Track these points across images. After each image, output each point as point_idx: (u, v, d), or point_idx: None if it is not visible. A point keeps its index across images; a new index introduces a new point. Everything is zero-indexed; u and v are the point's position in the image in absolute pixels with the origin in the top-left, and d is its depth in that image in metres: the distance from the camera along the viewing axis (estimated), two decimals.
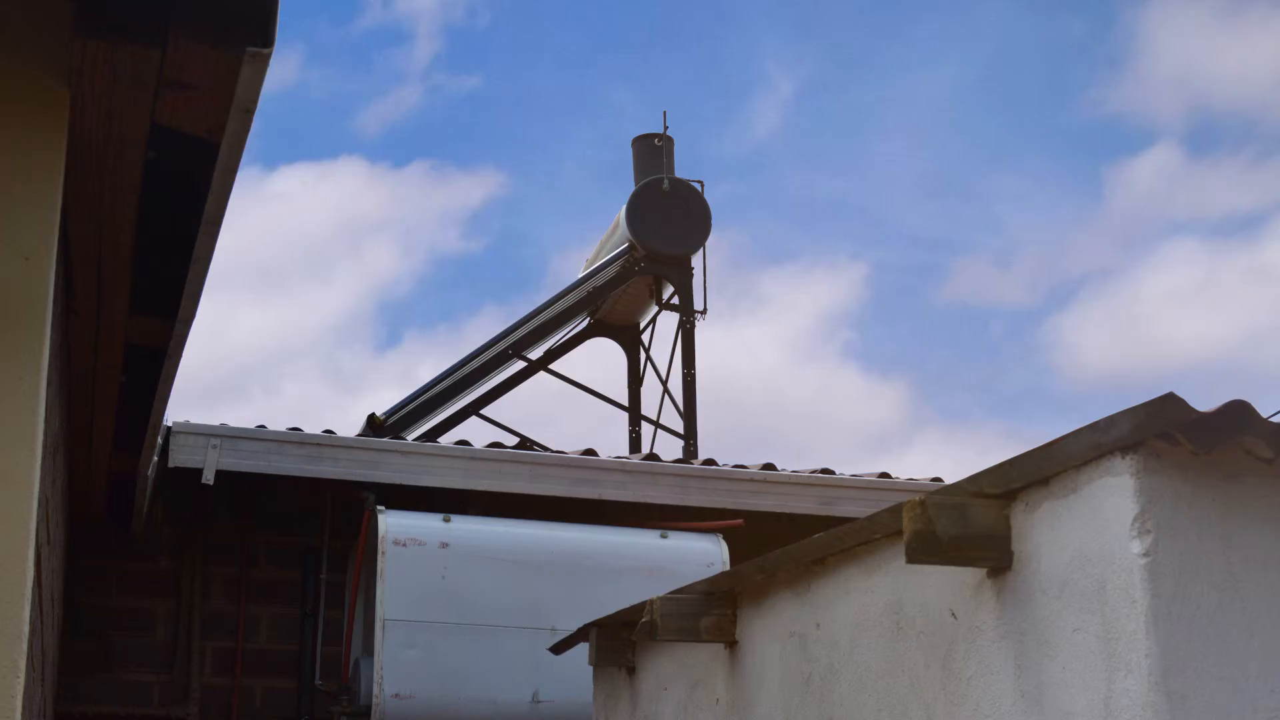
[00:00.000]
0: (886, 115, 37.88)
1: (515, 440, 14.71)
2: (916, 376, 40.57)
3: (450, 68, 41.65)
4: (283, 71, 40.77)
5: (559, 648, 7.39)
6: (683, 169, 16.75)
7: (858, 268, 40.51)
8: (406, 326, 44.40)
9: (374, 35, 41.09)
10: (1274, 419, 3.46)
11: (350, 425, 15.49)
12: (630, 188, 16.58)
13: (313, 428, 9.90)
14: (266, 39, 3.77)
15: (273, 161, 44.97)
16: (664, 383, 16.75)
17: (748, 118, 38.26)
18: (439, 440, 13.41)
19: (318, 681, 9.87)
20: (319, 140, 44.04)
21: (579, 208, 38.75)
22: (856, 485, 10.67)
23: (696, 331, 16.42)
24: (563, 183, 39.44)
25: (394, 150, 42.31)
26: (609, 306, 16.78)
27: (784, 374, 36.83)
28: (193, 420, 9.31)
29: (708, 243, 16.45)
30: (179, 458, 9.16)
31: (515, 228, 41.35)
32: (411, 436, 13.83)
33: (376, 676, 8.48)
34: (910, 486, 10.66)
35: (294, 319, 42.13)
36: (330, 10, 41.57)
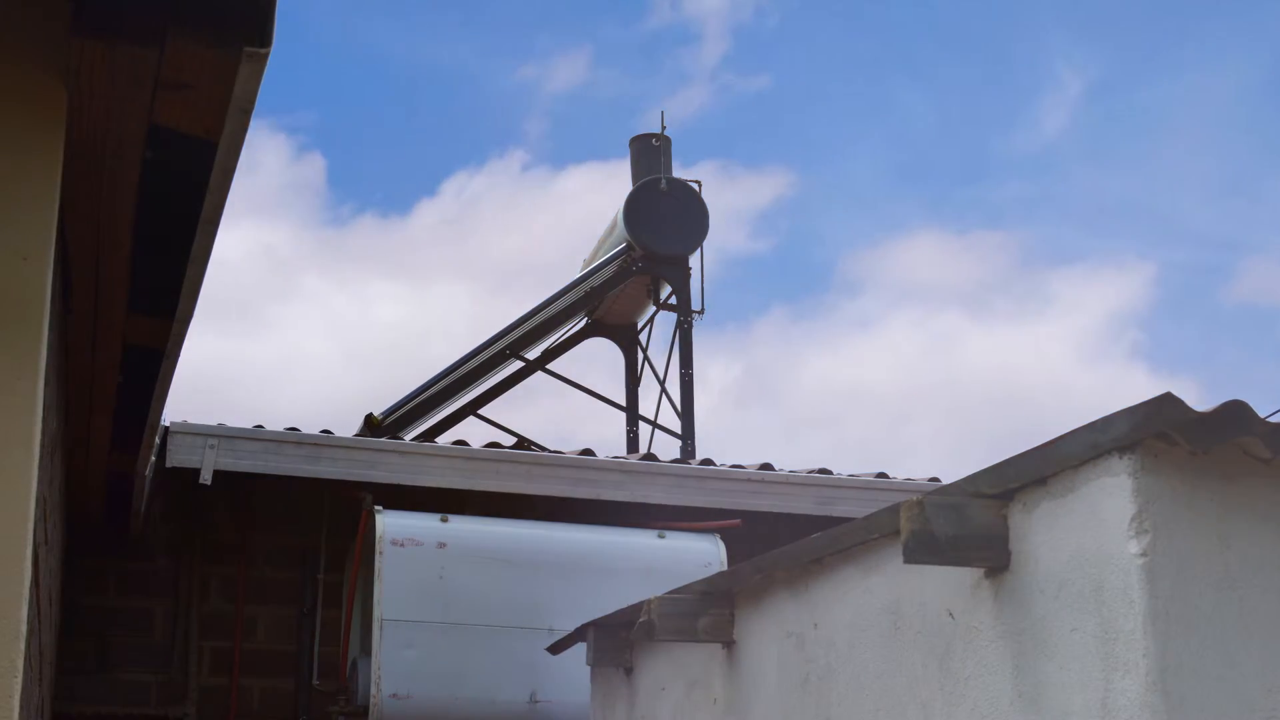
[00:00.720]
0: (1175, 115, 37.87)
1: (513, 440, 14.70)
2: (1205, 377, 40.76)
3: (738, 68, 41.68)
4: (570, 71, 40.89)
5: (556, 648, 7.39)
6: (967, 170, 16.75)
7: (1146, 268, 40.69)
8: (695, 327, 44.58)
9: (662, 35, 41.15)
10: (1272, 419, 3.46)
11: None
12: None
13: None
14: (264, 39, 3.77)
15: (560, 162, 45.05)
16: (661, 383, 16.75)
17: (1035, 118, 38.36)
18: (436, 440, 13.40)
19: (315, 681, 9.87)
20: (606, 140, 44.16)
21: (867, 208, 38.77)
22: (854, 485, 10.67)
23: (694, 331, 16.45)
24: (851, 183, 39.54)
25: (682, 150, 42.50)
26: (606, 306, 16.78)
27: (1072, 373, 37.03)
28: (190, 420, 9.31)
29: (704, 242, 16.47)
30: (177, 458, 9.16)
31: (803, 228, 41.47)
32: (409, 436, 13.83)
33: (374, 676, 8.48)
34: (908, 487, 10.66)
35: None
36: (619, 11, 41.67)
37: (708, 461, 10.88)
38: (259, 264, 40.45)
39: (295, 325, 40.65)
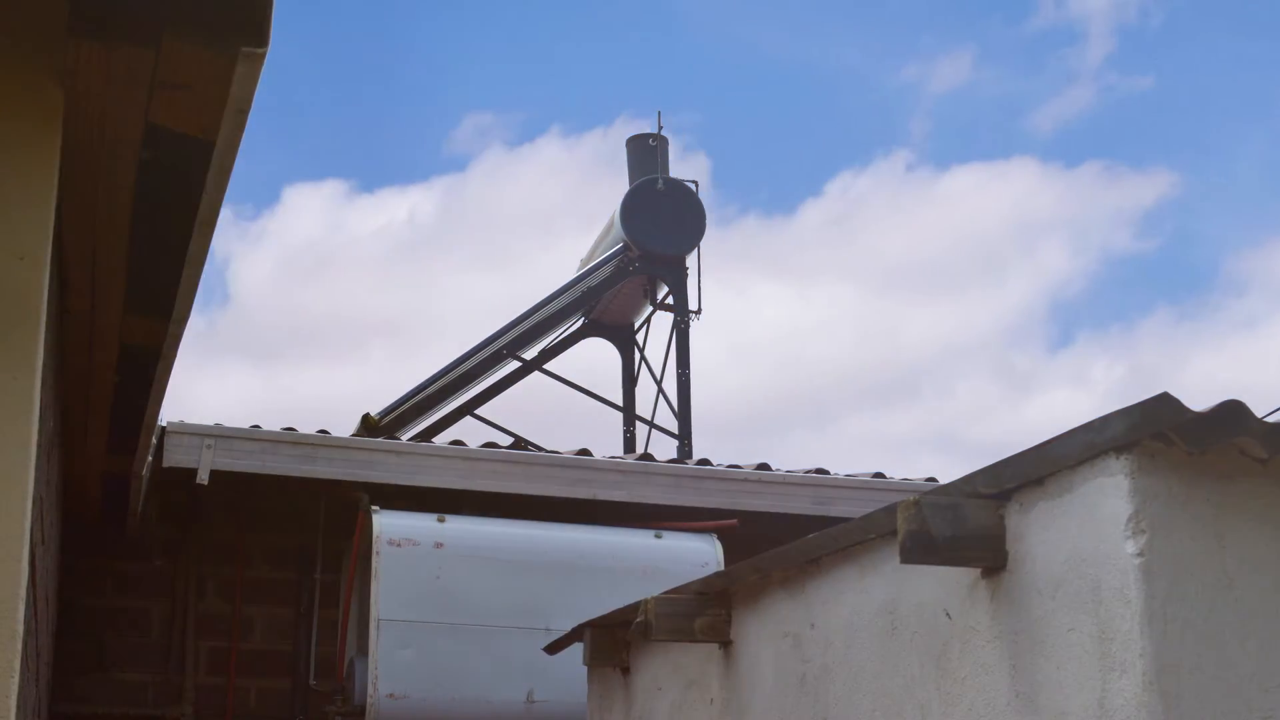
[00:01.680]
0: None
1: (510, 440, 14.70)
2: None
3: (1123, 67, 41.87)
4: (954, 71, 40.91)
5: (554, 648, 7.39)
6: None
7: None
8: (1079, 327, 44.78)
9: (1046, 35, 41.33)
10: (1268, 419, 3.46)
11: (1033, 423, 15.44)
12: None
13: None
14: (261, 39, 3.77)
15: (944, 162, 45.26)
16: (658, 383, 16.76)
17: None
18: (433, 440, 13.40)
19: (312, 681, 9.87)
20: (991, 140, 44.30)
21: (1254, 208, 38.71)
22: (851, 485, 10.67)
23: (691, 331, 16.45)
24: (1236, 183, 39.54)
25: (1066, 150, 42.72)
26: (603, 306, 16.79)
27: None
28: (187, 420, 9.31)
29: (702, 242, 16.48)
30: (173, 458, 9.15)
31: (1188, 228, 41.53)
32: (406, 436, 13.84)
33: (371, 676, 8.48)
34: (905, 486, 10.66)
35: (966, 319, 42.32)
36: (1003, 10, 41.77)
37: (704, 462, 10.88)
38: None
39: None
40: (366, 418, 14.26)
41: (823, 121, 43.56)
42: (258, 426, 9.56)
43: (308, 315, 41.81)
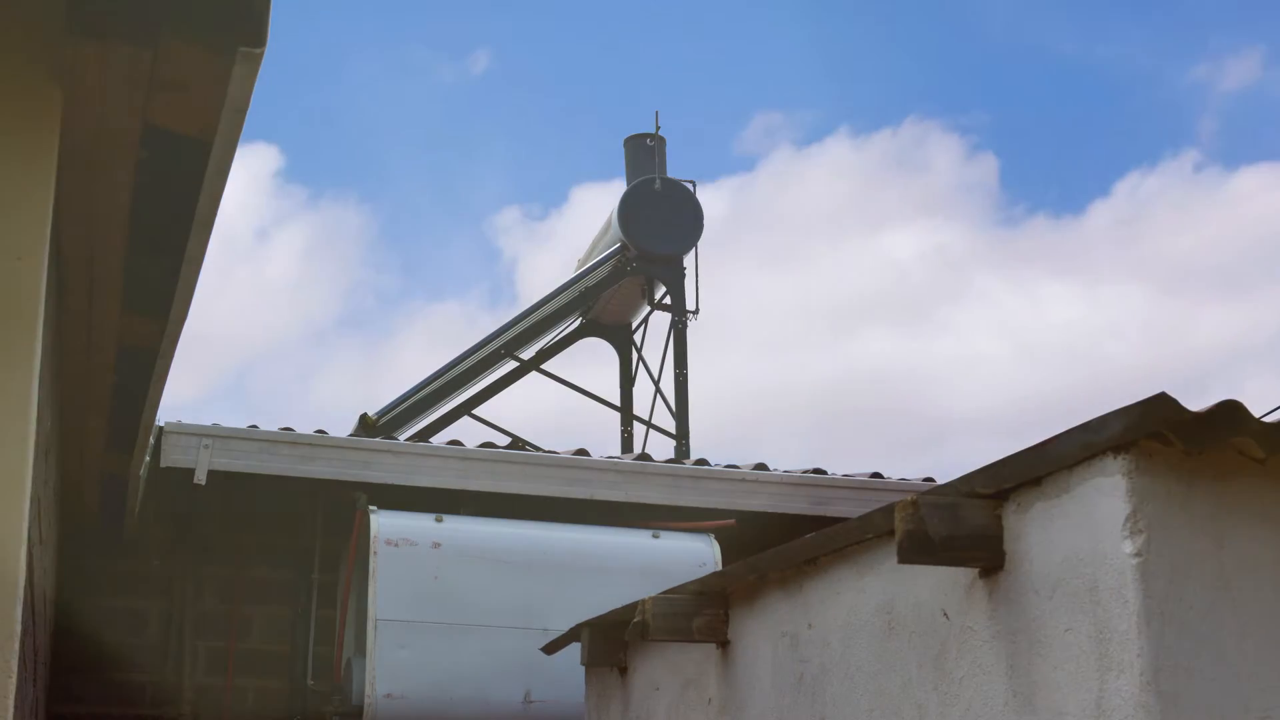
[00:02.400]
0: None
1: (507, 440, 14.71)
2: None
3: None
4: (1244, 71, 40.74)
5: (551, 648, 7.39)
6: None
7: None
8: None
9: None
10: (1266, 419, 3.47)
11: None
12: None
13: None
14: (259, 39, 3.77)
15: (1233, 162, 45.20)
16: (656, 383, 16.76)
17: None
18: (431, 440, 13.40)
19: (310, 682, 9.86)
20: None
21: None
22: (849, 485, 10.67)
23: (688, 332, 16.45)
24: None
25: None
26: (601, 306, 16.79)
27: None
28: (185, 420, 9.31)
29: (699, 242, 16.48)
30: (171, 458, 9.15)
31: None
32: (403, 436, 13.83)
33: (368, 676, 8.48)
34: (902, 487, 10.66)
35: (1255, 320, 42.21)
36: None
37: (702, 462, 10.88)
38: (931, 264, 41.18)
39: (967, 325, 41.36)
40: (364, 417, 14.26)
41: (1111, 122, 43.60)
42: (255, 426, 9.56)
43: None
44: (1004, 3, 39.67)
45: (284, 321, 42.63)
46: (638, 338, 17.38)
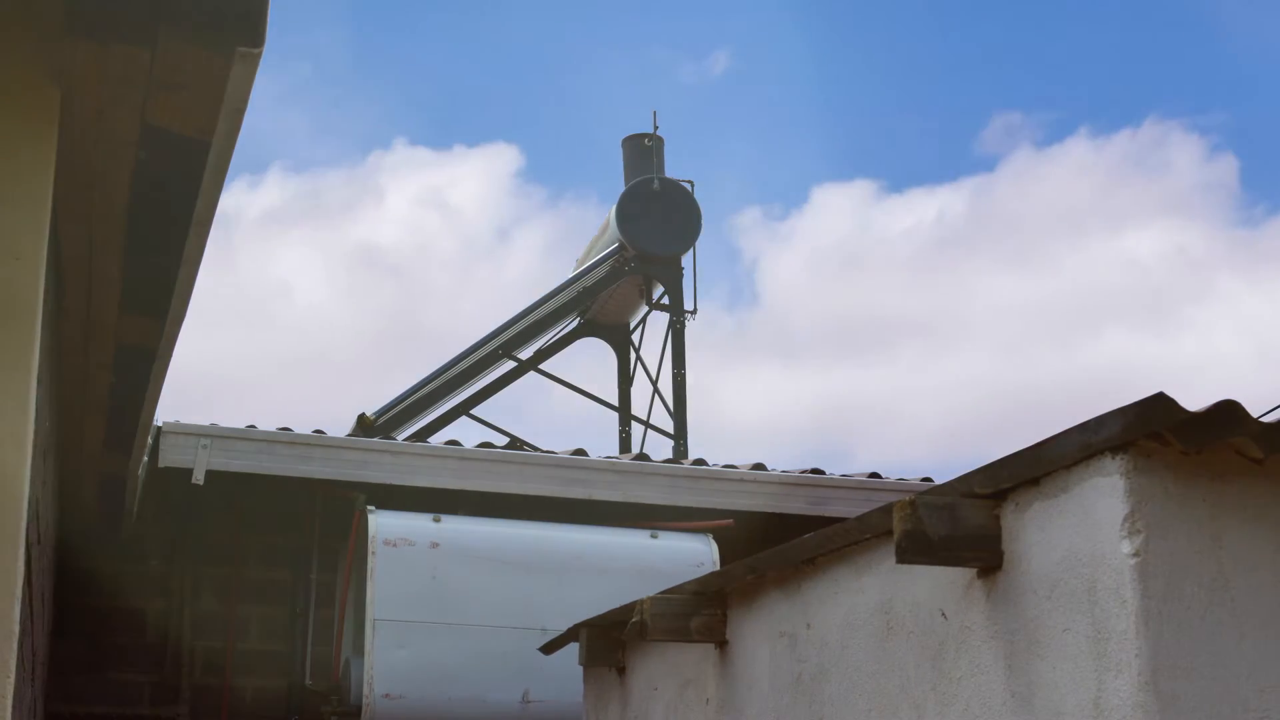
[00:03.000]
0: None
1: (505, 440, 14.71)
2: None
3: None
4: None
5: (549, 648, 7.39)
6: None
7: None
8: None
9: None
10: (1264, 419, 3.47)
11: None
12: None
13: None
14: (256, 39, 3.77)
15: None
16: (654, 383, 16.76)
17: None
18: (429, 440, 13.40)
19: (308, 682, 9.86)
20: None
21: None
22: (846, 485, 10.67)
23: (686, 331, 16.45)
24: None
25: None
26: (599, 306, 16.79)
27: None
28: (183, 420, 9.30)
29: (697, 242, 16.48)
30: (169, 458, 9.15)
31: None
32: (401, 436, 13.83)
33: (367, 676, 8.48)
34: (900, 487, 10.66)
35: None
36: None
37: (700, 461, 10.88)
38: (1172, 264, 41.01)
39: (1208, 326, 41.06)
40: (362, 417, 14.27)
41: None
42: (253, 426, 9.56)
43: (837, 315, 41.67)
44: (1244, 1, 39.41)
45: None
46: (636, 338, 17.38)
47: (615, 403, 17.43)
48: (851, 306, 40.90)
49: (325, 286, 38.03)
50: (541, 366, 16.60)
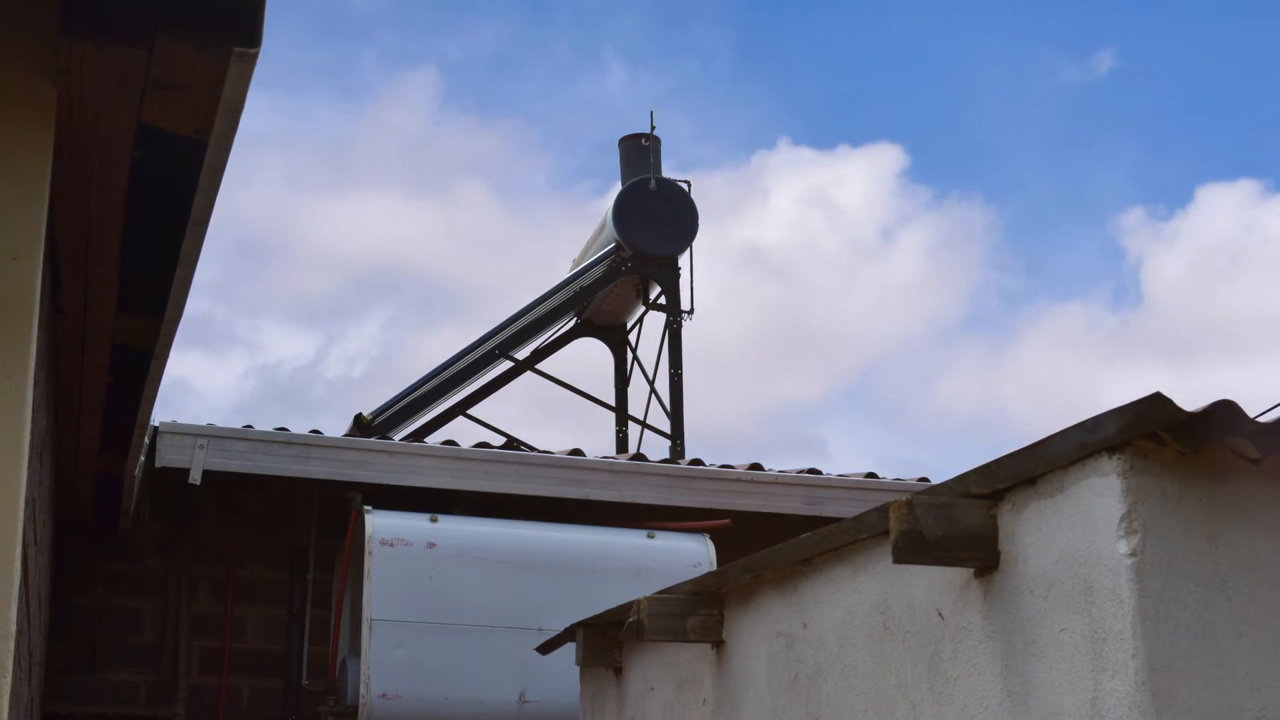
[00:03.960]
0: None
1: (502, 440, 14.70)
2: None
3: None
4: None
5: (546, 648, 7.39)
6: None
7: None
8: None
9: None
10: (1261, 419, 3.47)
11: None
12: None
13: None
14: (253, 39, 3.77)
15: None
16: (651, 383, 16.75)
17: None
18: (426, 440, 13.40)
19: (305, 681, 9.86)
20: None
21: None
22: (843, 485, 10.67)
23: (683, 331, 16.44)
24: None
25: None
26: (596, 306, 16.78)
27: None
28: (179, 420, 9.31)
29: (694, 242, 16.47)
30: (166, 458, 9.15)
31: None
32: (398, 436, 13.82)
33: (363, 676, 8.48)
34: (897, 487, 10.67)
35: None
36: None
37: (697, 462, 10.88)
38: None
39: None
40: (359, 417, 14.26)
41: None
42: (250, 426, 9.56)
43: (1221, 315, 41.44)
44: None
45: (908, 321, 42.44)
46: (632, 338, 17.38)
47: (612, 402, 17.42)
48: (1235, 307, 40.76)
49: (710, 287, 38.15)
50: (538, 366, 16.60)
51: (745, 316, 36.05)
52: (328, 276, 43.66)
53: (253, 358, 41.43)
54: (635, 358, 17.28)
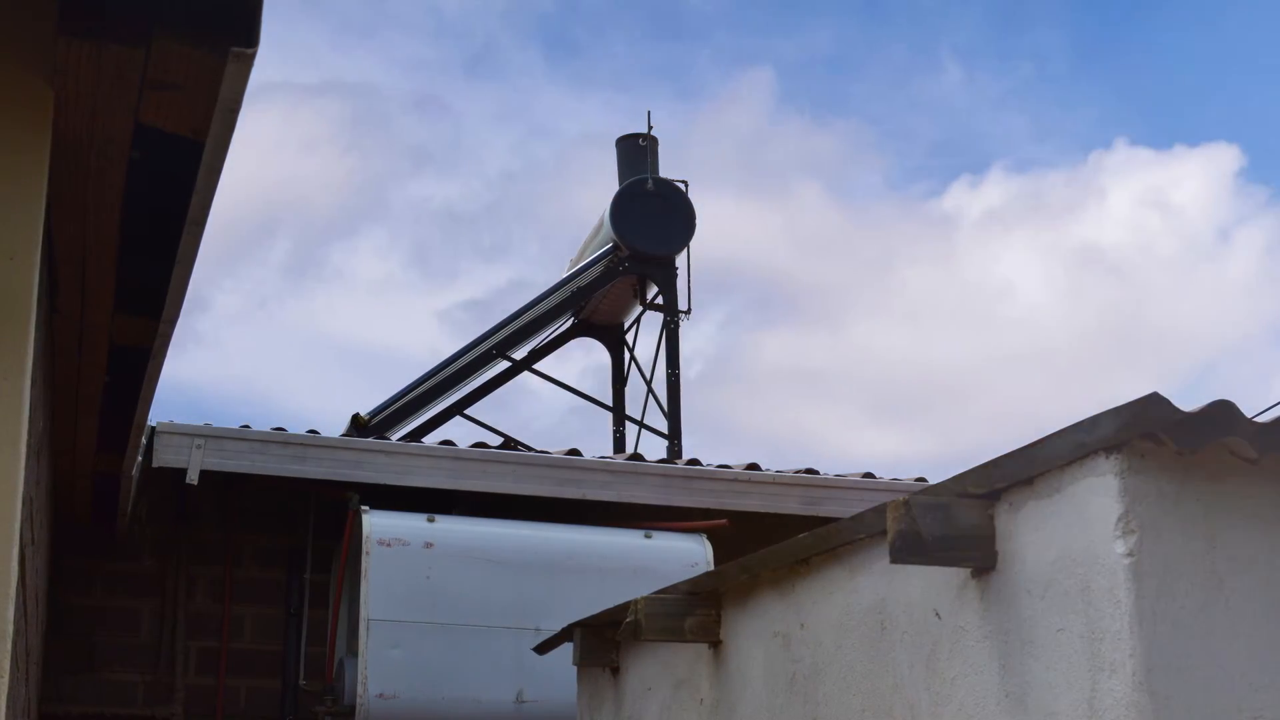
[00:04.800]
0: None
1: (499, 440, 14.69)
2: None
3: None
4: None
5: (543, 648, 7.39)
6: None
7: None
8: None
9: None
10: (1258, 419, 3.47)
11: None
12: None
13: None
14: (250, 39, 3.77)
15: None
16: (648, 383, 16.75)
17: None
18: (423, 440, 13.39)
19: (302, 682, 9.85)
20: None
21: None
22: (841, 485, 10.66)
23: (680, 331, 16.44)
24: None
25: None
26: (593, 306, 16.78)
27: None
28: (176, 420, 9.30)
29: (691, 242, 16.47)
30: (163, 458, 9.14)
31: None
32: (395, 436, 13.82)
33: (361, 676, 8.48)
34: (894, 487, 10.66)
35: None
36: None
37: (694, 462, 10.87)
38: None
39: None
40: (356, 417, 14.24)
41: None
42: (247, 426, 9.55)
43: None
44: None
45: (1244, 322, 42.35)
46: (630, 338, 17.39)
47: (609, 402, 17.42)
48: None
49: (1046, 286, 38.20)
50: (535, 366, 16.60)
51: (1082, 315, 36.10)
52: None
53: (590, 358, 41.42)
54: (632, 358, 17.29)
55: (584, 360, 27.52)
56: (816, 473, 10.80)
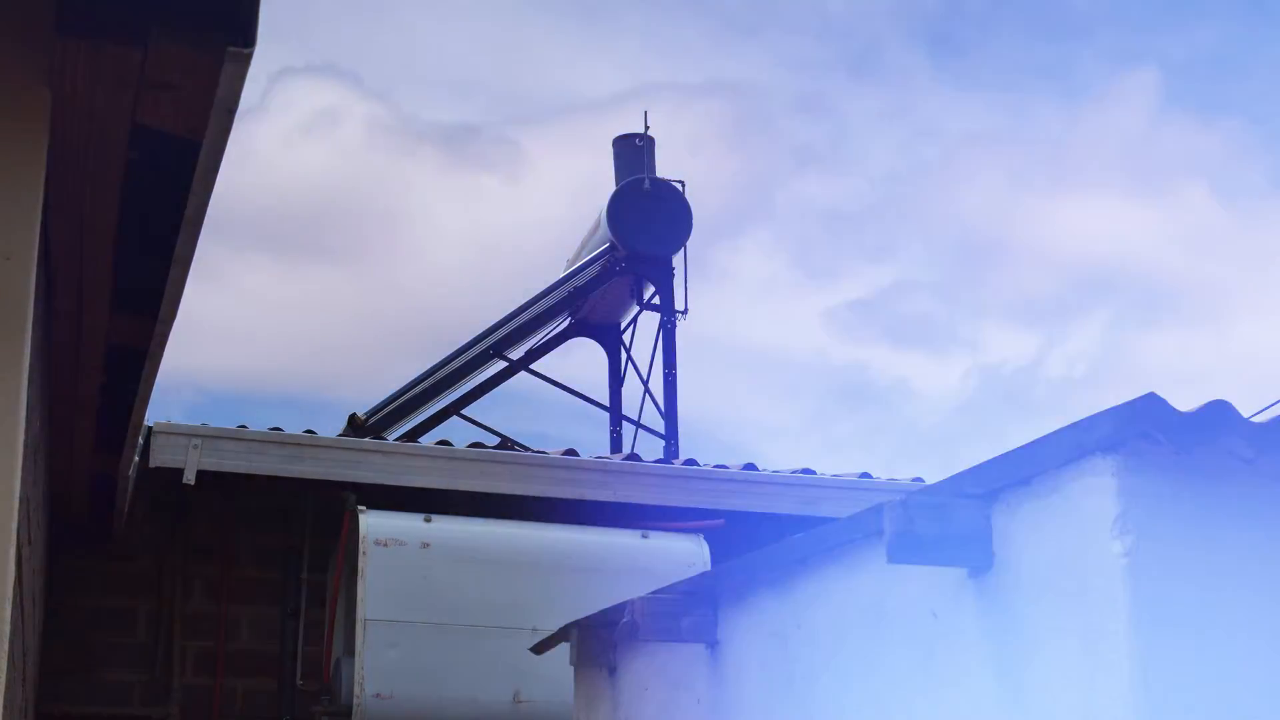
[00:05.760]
0: None
1: (496, 440, 14.69)
2: None
3: None
4: None
5: (540, 648, 7.38)
6: None
7: None
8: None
9: None
10: (1254, 419, 3.47)
11: None
12: None
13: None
14: (247, 39, 3.77)
15: None
16: (645, 383, 16.75)
17: None
18: (420, 440, 13.40)
19: (299, 681, 9.86)
20: None
21: None
22: (838, 485, 10.68)
23: (677, 331, 16.45)
24: None
25: None
26: (590, 306, 16.77)
27: None
28: (173, 420, 9.30)
29: (688, 242, 16.47)
30: (160, 458, 9.14)
31: None
32: (392, 437, 13.82)
33: (358, 676, 8.47)
34: (891, 487, 10.67)
35: None
36: None
37: (691, 462, 10.88)
38: None
39: None
40: (353, 417, 14.25)
41: None
42: (244, 426, 9.55)
43: None
44: None
45: None
46: (626, 338, 17.38)
47: (606, 402, 17.43)
48: None
49: None
50: (532, 366, 16.59)
51: None
52: (1049, 276, 43.10)
53: (974, 358, 41.26)
54: (629, 358, 17.29)
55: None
56: (813, 473, 10.81)
